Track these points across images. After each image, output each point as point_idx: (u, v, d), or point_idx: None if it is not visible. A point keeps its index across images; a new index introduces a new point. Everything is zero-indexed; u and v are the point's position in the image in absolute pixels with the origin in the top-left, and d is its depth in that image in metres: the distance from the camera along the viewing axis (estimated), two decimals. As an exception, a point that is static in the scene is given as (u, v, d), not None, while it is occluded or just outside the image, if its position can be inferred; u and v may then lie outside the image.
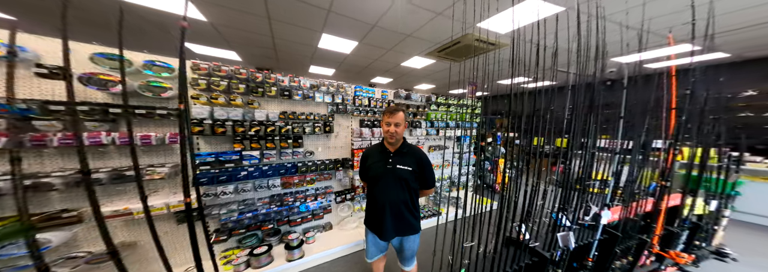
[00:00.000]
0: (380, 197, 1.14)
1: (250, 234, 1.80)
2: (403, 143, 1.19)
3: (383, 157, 1.17)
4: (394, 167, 1.13)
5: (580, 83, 1.18)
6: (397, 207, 1.13)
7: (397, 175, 1.12)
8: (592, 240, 1.33)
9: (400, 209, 1.14)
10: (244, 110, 1.64)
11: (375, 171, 1.16)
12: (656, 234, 1.57)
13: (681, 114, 1.46)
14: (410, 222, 1.17)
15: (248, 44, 3.52)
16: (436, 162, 2.86)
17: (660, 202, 1.51)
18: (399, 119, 1.10)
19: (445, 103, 2.82)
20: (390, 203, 1.13)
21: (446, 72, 4.86)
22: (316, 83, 1.94)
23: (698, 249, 1.78)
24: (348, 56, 3.99)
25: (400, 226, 1.16)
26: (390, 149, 1.18)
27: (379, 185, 1.15)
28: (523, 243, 1.13)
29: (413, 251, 1.26)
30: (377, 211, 1.16)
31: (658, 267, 1.70)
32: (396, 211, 1.14)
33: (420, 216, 1.26)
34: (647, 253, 1.62)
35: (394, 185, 1.13)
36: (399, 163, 1.14)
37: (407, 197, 1.15)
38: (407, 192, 1.14)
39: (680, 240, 1.74)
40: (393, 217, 1.14)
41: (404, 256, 1.26)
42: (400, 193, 1.13)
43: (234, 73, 1.61)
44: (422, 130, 2.64)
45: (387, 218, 1.13)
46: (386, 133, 1.12)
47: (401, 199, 1.13)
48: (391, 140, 1.15)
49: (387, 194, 1.13)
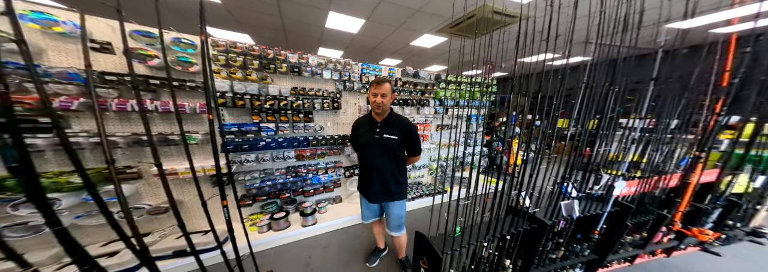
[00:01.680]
0: (368, 163, 1.22)
1: (270, 201, 2.04)
2: (390, 114, 1.23)
3: (371, 127, 1.22)
4: (381, 137, 1.18)
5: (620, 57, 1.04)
6: (384, 173, 1.21)
7: (384, 144, 1.18)
8: (601, 211, 1.29)
9: (386, 175, 1.21)
10: (259, 85, 1.76)
11: (363, 140, 1.23)
12: (680, 210, 1.47)
13: (734, 77, 1.25)
14: (396, 187, 1.25)
15: (259, 26, 3.61)
16: (445, 141, 2.85)
17: (690, 175, 1.39)
18: (385, 89, 1.13)
19: (455, 81, 2.71)
20: (377, 170, 1.21)
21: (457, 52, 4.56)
22: (322, 61, 1.99)
23: (730, 229, 1.65)
24: (355, 36, 3.91)
25: (385, 191, 1.24)
26: (377, 120, 1.22)
27: (367, 153, 1.22)
28: (521, 209, 1.15)
29: (400, 217, 1.33)
30: (366, 176, 1.25)
31: (677, 245, 1.62)
32: (382, 177, 1.22)
33: (406, 183, 1.32)
34: (666, 229, 1.54)
35: (381, 154, 1.19)
36: (386, 133, 1.18)
37: (393, 165, 1.22)
38: (393, 161, 1.21)
39: (709, 218, 1.61)
40: (380, 182, 1.22)
41: (391, 221, 1.34)
42: (386, 161, 1.20)
43: (248, 50, 1.72)
44: (430, 108, 2.61)
45: (374, 183, 1.22)
46: (373, 104, 1.16)
47: (387, 167, 1.21)
48: (377, 111, 1.18)
49: (374, 162, 1.21)
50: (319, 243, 1.85)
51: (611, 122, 1.13)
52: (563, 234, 1.33)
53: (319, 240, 1.89)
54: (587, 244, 1.41)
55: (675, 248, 1.64)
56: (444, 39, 3.90)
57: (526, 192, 1.15)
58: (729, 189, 1.56)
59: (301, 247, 1.78)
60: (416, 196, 2.50)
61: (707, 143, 1.33)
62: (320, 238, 1.91)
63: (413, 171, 2.77)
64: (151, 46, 1.34)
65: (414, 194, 2.51)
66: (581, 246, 1.40)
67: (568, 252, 1.41)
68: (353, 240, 1.88)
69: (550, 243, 1.30)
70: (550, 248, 1.33)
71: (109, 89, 1.25)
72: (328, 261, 1.64)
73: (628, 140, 1.30)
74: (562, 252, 1.36)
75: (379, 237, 1.61)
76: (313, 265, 1.59)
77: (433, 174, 2.91)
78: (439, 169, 2.86)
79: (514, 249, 1.18)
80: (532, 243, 1.20)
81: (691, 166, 1.39)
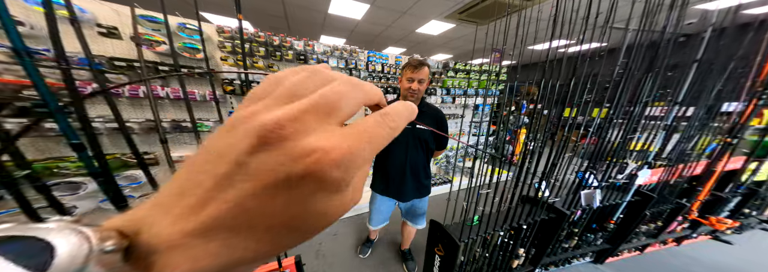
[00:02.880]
0: (399, 159, 1.08)
1: None
2: (422, 102, 1.10)
3: None
4: (414, 128, 1.03)
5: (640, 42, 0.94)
6: (416, 168, 1.10)
7: (417, 136, 1.05)
8: (621, 201, 1.27)
9: (419, 170, 1.12)
10: (266, 73, 1.71)
11: None
12: (699, 199, 1.45)
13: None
14: (425, 183, 1.19)
15: (261, 12, 3.46)
16: (452, 131, 2.80)
17: (717, 163, 1.34)
18: (424, 74, 0.97)
19: (464, 69, 2.61)
20: (411, 165, 1.08)
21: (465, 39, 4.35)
22: (328, 49, 1.91)
23: (746, 217, 1.63)
24: (359, 23, 3.74)
25: (418, 187, 1.16)
26: None
27: (400, 146, 1.07)
28: (540, 199, 1.13)
29: (424, 210, 1.29)
30: (396, 174, 1.11)
31: (690, 234, 1.62)
32: (416, 173, 1.10)
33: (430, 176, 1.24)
34: (681, 219, 1.53)
35: (415, 147, 1.06)
36: (419, 123, 1.07)
37: (425, 159, 1.12)
38: (425, 154, 1.11)
39: (727, 206, 1.59)
40: (413, 179, 1.11)
41: (416, 215, 1.29)
42: (420, 155, 1.09)
43: (254, 36, 1.64)
44: (437, 97, 2.54)
45: (408, 180, 1.10)
46: (406, 90, 0.99)
47: (420, 160, 1.10)
48: (411, 99, 1.02)
49: (408, 157, 1.07)
50: (329, 229, 1.90)
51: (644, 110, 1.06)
52: (579, 224, 1.33)
53: (329, 227, 1.94)
54: (601, 234, 1.41)
55: (687, 237, 1.64)
56: (452, 26, 3.70)
57: (546, 182, 1.13)
58: (752, 177, 1.52)
59: None
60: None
61: (743, 130, 1.27)
62: (331, 226, 1.96)
63: None
64: (157, 32, 1.28)
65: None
66: (595, 236, 1.40)
67: (581, 242, 1.41)
68: (362, 228, 1.91)
69: (563, 233, 1.31)
70: (564, 237, 1.34)
71: (120, 75, 1.21)
72: (339, 248, 1.67)
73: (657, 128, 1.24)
74: (575, 241, 1.37)
75: (375, 233, 1.57)
76: (324, 251, 1.63)
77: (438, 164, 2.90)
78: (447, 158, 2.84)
79: (529, 238, 1.18)
80: (549, 232, 1.19)
81: (719, 153, 1.34)
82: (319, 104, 0.10)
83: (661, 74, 1.03)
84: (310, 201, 0.10)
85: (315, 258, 1.58)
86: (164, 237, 0.09)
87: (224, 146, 0.10)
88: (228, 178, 0.09)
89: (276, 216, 0.09)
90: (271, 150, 0.09)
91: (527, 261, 1.30)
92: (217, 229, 0.09)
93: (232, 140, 0.10)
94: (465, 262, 1.13)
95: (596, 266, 1.52)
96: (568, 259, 1.47)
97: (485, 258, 1.17)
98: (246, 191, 0.09)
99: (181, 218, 0.09)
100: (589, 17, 0.85)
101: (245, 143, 0.09)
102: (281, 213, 0.09)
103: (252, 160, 0.09)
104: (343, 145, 0.10)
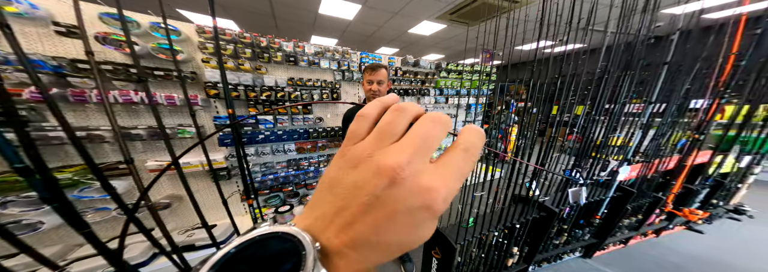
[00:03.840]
0: None
1: (273, 195, 1.98)
2: None
3: None
4: None
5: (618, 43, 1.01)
6: None
7: None
8: (604, 197, 1.34)
9: None
10: (253, 76, 1.64)
11: None
12: (673, 192, 1.55)
13: (741, 59, 1.26)
14: None
15: (246, 11, 3.33)
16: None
17: (687, 157, 1.44)
18: (381, 76, 1.03)
19: (455, 70, 2.65)
20: None
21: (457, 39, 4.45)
22: (320, 50, 1.87)
23: (714, 207, 1.76)
24: (351, 23, 3.71)
25: None
26: None
27: None
28: (532, 198, 1.16)
29: None
30: None
31: (667, 225, 1.73)
32: None
33: None
34: (659, 211, 1.63)
35: None
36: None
37: None
38: None
39: (697, 198, 1.72)
40: None
41: None
42: None
43: (238, 37, 1.57)
44: (430, 98, 2.57)
45: None
46: (368, 92, 1.06)
47: None
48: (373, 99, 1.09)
49: None
50: None
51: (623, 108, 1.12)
52: (568, 221, 1.38)
53: None
54: (588, 229, 1.47)
55: (664, 228, 1.75)
56: (443, 26, 3.76)
57: (537, 181, 1.16)
58: (718, 170, 1.65)
59: None
60: None
61: (708, 127, 1.37)
62: None
63: None
64: (126, 31, 1.18)
65: None
66: (582, 231, 1.46)
67: (571, 237, 1.47)
68: None
69: (554, 230, 1.35)
70: (554, 234, 1.38)
71: (85, 78, 1.10)
72: None
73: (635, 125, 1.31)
74: (565, 237, 1.42)
75: None
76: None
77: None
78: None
79: (522, 236, 1.21)
80: (540, 230, 1.22)
81: (689, 148, 1.44)
82: (421, 146, 0.14)
83: (636, 74, 1.10)
84: (420, 225, 0.14)
85: None
86: (334, 245, 0.13)
87: (359, 180, 0.14)
88: (367, 206, 0.13)
89: (399, 235, 0.13)
90: (397, 187, 0.13)
91: (521, 258, 1.33)
92: (361, 244, 0.13)
93: (364, 176, 0.14)
94: (462, 263, 1.13)
95: (585, 260, 1.58)
96: (559, 255, 1.52)
97: (481, 258, 1.18)
98: (381, 216, 0.13)
99: (340, 232, 0.13)
100: (572, 20, 0.89)
101: (379, 181, 0.13)
102: (402, 232, 0.13)
103: (384, 193, 0.13)
104: (449, 184, 0.14)
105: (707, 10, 1.13)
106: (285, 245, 0.12)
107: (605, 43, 1.04)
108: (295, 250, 0.12)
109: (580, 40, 0.96)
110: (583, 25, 0.94)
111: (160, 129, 0.76)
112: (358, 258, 0.13)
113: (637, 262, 1.55)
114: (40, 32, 1.06)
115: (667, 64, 1.13)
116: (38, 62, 0.99)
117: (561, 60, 0.98)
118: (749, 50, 1.25)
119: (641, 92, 1.25)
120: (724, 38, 1.24)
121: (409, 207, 0.13)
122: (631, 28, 1.00)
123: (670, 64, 1.15)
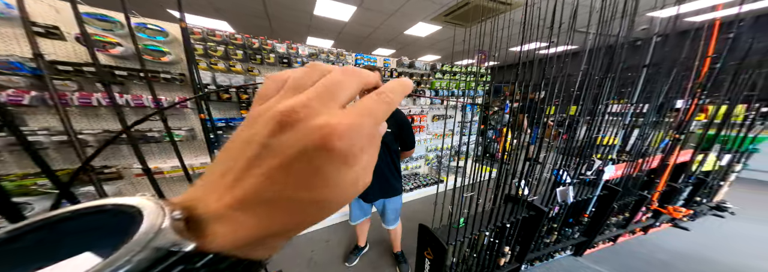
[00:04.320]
0: None
1: None
2: None
3: None
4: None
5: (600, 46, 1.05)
6: (380, 169, 1.15)
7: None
8: (591, 195, 1.37)
9: (383, 171, 1.16)
10: (245, 77, 1.62)
11: None
12: (658, 190, 1.59)
13: (716, 62, 1.32)
14: (392, 183, 1.21)
15: (239, 12, 3.31)
16: (439, 132, 2.86)
17: (669, 157, 1.49)
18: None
19: (450, 71, 2.69)
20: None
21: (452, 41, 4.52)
22: (314, 51, 1.87)
23: (698, 204, 1.82)
24: (347, 24, 3.73)
25: (383, 188, 1.20)
26: None
27: None
28: (521, 198, 1.17)
29: (397, 211, 1.32)
30: None
31: (653, 223, 1.78)
32: (379, 174, 1.16)
33: (401, 178, 1.26)
34: (645, 209, 1.67)
35: None
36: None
37: (388, 160, 1.16)
38: (388, 155, 1.16)
39: (681, 196, 1.77)
40: (376, 179, 1.17)
41: (387, 217, 1.32)
42: (381, 156, 1.13)
43: (229, 38, 1.56)
44: (426, 99, 2.59)
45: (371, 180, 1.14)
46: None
47: (383, 162, 1.15)
48: None
49: None
50: (321, 236, 1.83)
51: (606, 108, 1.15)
52: (557, 219, 1.40)
53: (320, 234, 1.87)
54: (577, 227, 1.49)
55: (651, 226, 1.79)
56: (438, 28, 3.82)
57: (526, 181, 1.18)
58: (699, 168, 1.71)
59: (304, 241, 1.76)
60: (414, 187, 2.52)
61: (688, 126, 1.43)
62: (321, 232, 1.89)
63: (410, 162, 2.77)
64: (108, 32, 1.16)
65: (411, 186, 2.52)
66: (572, 230, 1.49)
67: (561, 236, 1.49)
68: (352, 235, 1.87)
69: (544, 228, 1.37)
70: (544, 233, 1.40)
71: (66, 80, 1.07)
72: (331, 255, 1.62)
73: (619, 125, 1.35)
74: (555, 236, 1.44)
75: (362, 235, 1.54)
76: (317, 259, 1.58)
77: (429, 165, 2.93)
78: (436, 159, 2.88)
79: (513, 236, 1.22)
80: (530, 229, 1.24)
81: (671, 148, 1.49)
82: (322, 91, 0.13)
83: (617, 76, 1.14)
84: (328, 173, 0.11)
85: (306, 267, 1.51)
86: (211, 210, 0.11)
87: (249, 135, 0.12)
88: (257, 158, 0.11)
89: (299, 188, 0.11)
90: (288, 131, 0.11)
91: (513, 258, 1.34)
92: (252, 202, 0.11)
93: (255, 130, 0.12)
94: (455, 263, 1.13)
95: (576, 258, 1.60)
96: (550, 254, 1.54)
97: (474, 258, 1.18)
98: (272, 165, 0.11)
99: (224, 194, 0.11)
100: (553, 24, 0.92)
101: (267, 129, 0.11)
102: (303, 183, 0.11)
103: (274, 141, 0.11)
104: (346, 120, 0.12)
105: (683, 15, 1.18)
106: (115, 219, 0.10)
107: (587, 46, 1.08)
108: (127, 221, 0.10)
109: (563, 43, 0.99)
110: (565, 29, 0.97)
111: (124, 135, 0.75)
112: (251, 221, 0.11)
113: (627, 260, 1.58)
114: (17, 33, 1.03)
115: (646, 67, 1.18)
116: (16, 64, 0.96)
117: (546, 62, 1.01)
118: (724, 53, 1.31)
119: (624, 94, 1.29)
120: (699, 42, 1.30)
121: (303, 149, 0.11)
122: (611, 31, 1.04)
123: (649, 67, 1.20)
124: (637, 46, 1.20)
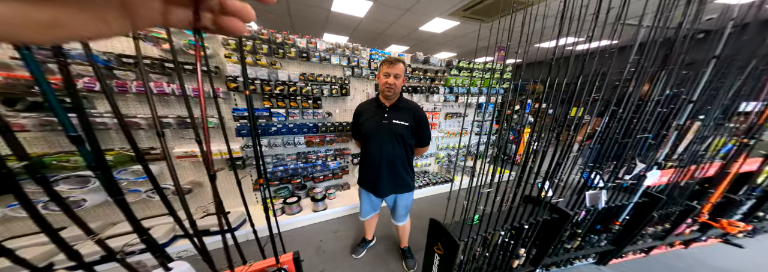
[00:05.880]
0: (376, 153, 1.09)
1: (282, 186, 2.09)
2: (399, 98, 1.12)
3: (378, 112, 1.11)
4: (390, 123, 1.06)
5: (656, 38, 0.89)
6: (393, 163, 1.10)
7: (393, 130, 1.06)
8: (627, 202, 1.24)
9: (396, 165, 1.12)
10: (268, 71, 1.72)
11: (369, 127, 1.10)
12: (711, 201, 1.40)
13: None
14: (405, 179, 1.17)
15: (265, 11, 3.45)
16: (454, 130, 2.77)
17: (732, 164, 1.29)
18: (399, 70, 1.01)
19: (467, 67, 2.56)
20: (386, 160, 1.08)
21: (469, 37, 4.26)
22: (331, 46, 1.90)
23: (759, 220, 1.57)
24: (362, 20, 3.70)
25: (395, 183, 1.15)
26: (386, 104, 1.10)
27: (375, 141, 1.09)
28: (543, 199, 1.11)
29: (407, 208, 1.29)
30: (372, 168, 1.13)
31: (699, 237, 1.58)
32: (392, 168, 1.11)
33: (414, 174, 1.22)
34: (691, 221, 1.49)
35: (390, 141, 1.07)
36: (395, 118, 1.07)
37: (403, 154, 1.12)
38: (403, 149, 1.11)
39: (740, 209, 1.54)
40: (389, 174, 1.12)
41: (397, 213, 1.29)
42: (396, 149, 1.09)
43: (257, 33, 1.64)
44: (440, 96, 2.51)
45: (383, 175, 1.10)
46: (384, 85, 1.03)
47: (397, 155, 1.10)
48: (388, 93, 1.05)
49: (383, 151, 1.08)
50: (330, 227, 1.91)
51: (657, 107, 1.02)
52: (582, 225, 1.31)
53: (330, 224, 1.95)
54: (606, 235, 1.38)
55: (695, 240, 1.60)
56: (456, 23, 3.62)
57: (550, 182, 1.11)
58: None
59: (313, 231, 1.85)
60: (423, 185, 2.50)
61: (759, 130, 1.21)
62: (331, 223, 1.97)
63: (420, 159, 2.74)
64: (162, 29, 1.29)
65: (420, 183, 2.50)
66: (599, 237, 1.38)
67: (584, 243, 1.39)
68: (361, 228, 1.93)
69: (566, 233, 1.28)
70: (566, 238, 1.32)
71: (127, 71, 1.23)
72: (339, 245, 1.69)
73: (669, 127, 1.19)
74: (578, 242, 1.35)
75: (370, 229, 1.54)
76: (326, 248, 1.65)
77: (440, 163, 2.88)
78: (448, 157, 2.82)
79: (530, 238, 1.17)
80: (551, 232, 1.18)
81: (735, 154, 1.29)
82: None
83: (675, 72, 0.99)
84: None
85: (315, 255, 1.60)
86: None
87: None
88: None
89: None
90: None
91: (528, 261, 1.29)
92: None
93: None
94: (465, 261, 1.12)
95: (599, 267, 1.49)
96: (570, 260, 1.46)
97: (485, 257, 1.16)
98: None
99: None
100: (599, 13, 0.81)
101: None
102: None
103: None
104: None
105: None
106: None
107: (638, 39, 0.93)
108: None
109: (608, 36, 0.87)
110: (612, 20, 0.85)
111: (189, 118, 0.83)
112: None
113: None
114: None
115: (715, 58, 1.00)
116: (94, 57, 1.13)
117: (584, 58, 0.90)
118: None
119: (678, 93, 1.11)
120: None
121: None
122: (671, 21, 0.89)
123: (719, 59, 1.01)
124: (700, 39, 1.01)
